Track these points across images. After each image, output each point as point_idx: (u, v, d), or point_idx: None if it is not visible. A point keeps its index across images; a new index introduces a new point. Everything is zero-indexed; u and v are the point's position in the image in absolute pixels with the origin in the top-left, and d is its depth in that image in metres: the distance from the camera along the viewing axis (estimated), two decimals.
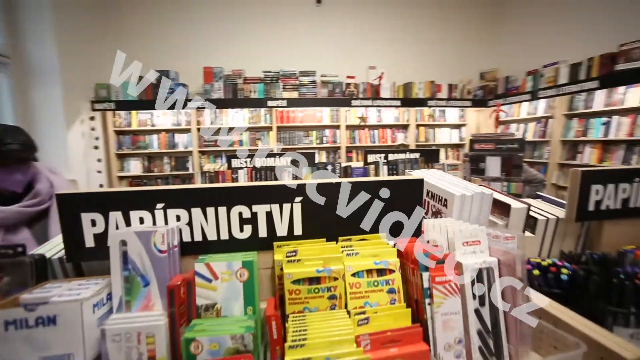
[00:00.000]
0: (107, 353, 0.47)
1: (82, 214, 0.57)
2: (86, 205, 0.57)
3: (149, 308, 0.53)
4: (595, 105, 3.39)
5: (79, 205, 0.57)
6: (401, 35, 4.67)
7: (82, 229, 0.57)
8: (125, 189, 0.57)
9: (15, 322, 0.44)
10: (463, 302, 0.56)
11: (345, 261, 0.59)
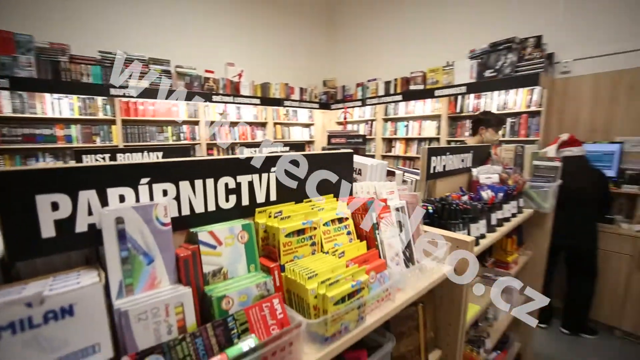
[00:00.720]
0: (133, 335, 0.43)
1: (37, 196, 0.45)
2: (45, 184, 0.45)
3: (155, 286, 0.50)
4: (400, 112, 4.72)
5: (33, 185, 0.44)
6: (260, 36, 4.88)
7: (38, 215, 0.45)
8: (103, 164, 0.48)
9: (12, 325, 0.34)
10: (402, 219, 0.82)
11: (317, 213, 0.74)
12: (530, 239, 1.82)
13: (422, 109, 4.41)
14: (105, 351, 0.41)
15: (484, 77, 3.47)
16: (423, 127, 4.41)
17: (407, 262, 0.83)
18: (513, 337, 1.92)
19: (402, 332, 0.85)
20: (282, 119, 5.12)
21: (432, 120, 4.28)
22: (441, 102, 4.03)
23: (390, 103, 4.63)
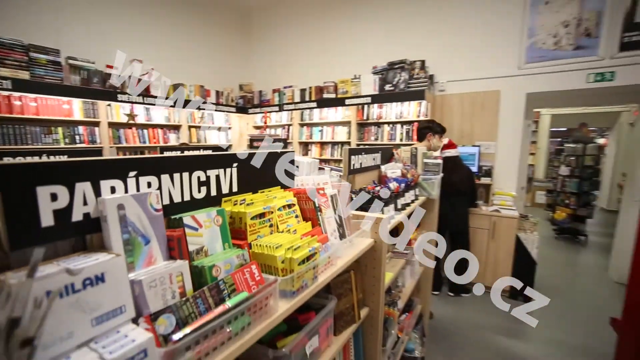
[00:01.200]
0: (146, 300, 0.51)
1: (38, 187, 0.47)
2: (46, 176, 0.48)
3: (152, 263, 0.57)
4: (315, 118, 5.09)
5: (34, 177, 0.47)
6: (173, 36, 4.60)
7: (38, 205, 0.48)
8: (98, 158, 0.53)
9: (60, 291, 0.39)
10: (335, 203, 1.03)
11: (271, 200, 0.89)
12: (424, 221, 2.30)
13: (335, 115, 4.87)
14: (129, 312, 0.48)
15: (385, 90, 4.08)
16: (336, 132, 4.87)
17: (341, 237, 1.05)
18: (416, 301, 2.38)
19: (340, 293, 1.06)
20: (197, 122, 4.92)
21: (344, 126, 4.77)
22: (351, 110, 4.54)
23: (305, 109, 4.95)
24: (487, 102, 3.93)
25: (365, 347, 1.27)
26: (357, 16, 4.74)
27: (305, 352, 0.88)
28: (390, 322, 1.45)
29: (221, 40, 5.38)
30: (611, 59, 3.37)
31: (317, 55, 5.14)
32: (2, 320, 0.33)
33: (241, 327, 0.59)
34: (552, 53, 3.63)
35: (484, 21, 3.91)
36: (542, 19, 3.64)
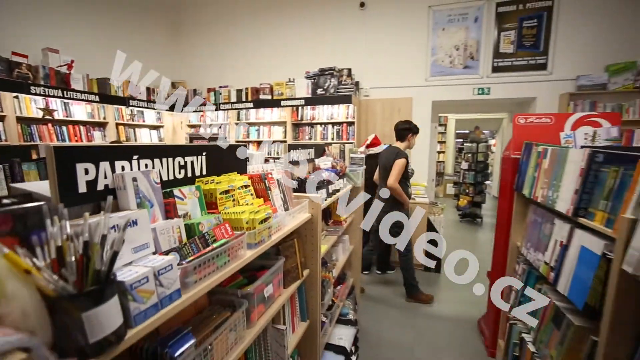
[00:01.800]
0: (159, 242, 0.74)
1: (77, 164, 0.66)
2: (81, 156, 0.67)
3: (156, 220, 0.79)
4: (251, 118, 5.26)
5: (74, 156, 0.65)
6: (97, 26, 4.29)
7: (77, 177, 0.66)
8: (111, 145, 0.73)
9: (115, 226, 0.61)
10: (281, 186, 1.33)
11: (233, 181, 1.15)
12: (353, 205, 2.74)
13: (271, 116, 5.12)
14: (151, 247, 0.70)
15: (317, 93, 4.49)
16: (272, 132, 5.13)
17: (284, 210, 1.36)
18: (348, 274, 2.81)
19: (287, 255, 1.37)
20: (126, 119, 4.66)
21: (280, 126, 5.06)
22: (286, 111, 4.85)
23: (242, 109, 5.10)
24: (403, 107, 4.64)
25: (307, 299, 1.60)
26: (290, 23, 5.07)
27: (264, 295, 1.16)
28: (327, 282, 1.81)
29: (152, 36, 5.18)
30: (487, 78, 4.33)
31: (252, 57, 5.32)
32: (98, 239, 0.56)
33: (223, 262, 0.86)
34: (448, 69, 4.48)
35: (399, 38, 4.60)
36: (441, 41, 4.46)
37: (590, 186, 1.51)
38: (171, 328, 0.80)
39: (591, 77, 3.90)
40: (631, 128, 3.80)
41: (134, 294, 0.59)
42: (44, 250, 0.53)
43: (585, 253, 1.48)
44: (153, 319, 0.62)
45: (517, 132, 2.43)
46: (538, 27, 4.12)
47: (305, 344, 1.66)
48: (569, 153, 1.70)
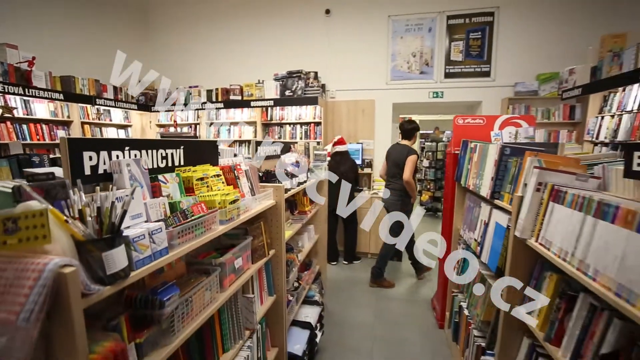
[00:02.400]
0: (149, 213, 0.95)
1: (84, 152, 0.85)
2: (86, 146, 0.86)
3: (145, 198, 1.00)
4: (222, 118, 5.38)
5: (81, 146, 0.85)
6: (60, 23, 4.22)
7: (83, 162, 0.86)
8: (108, 138, 0.92)
9: (117, 198, 0.82)
10: (248, 176, 1.57)
11: (207, 171, 1.37)
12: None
13: (241, 116, 5.28)
14: (143, 217, 0.91)
15: (285, 95, 4.72)
16: (242, 131, 5.29)
17: (251, 195, 1.59)
18: (314, 261, 3.08)
19: (254, 235, 1.60)
20: (91, 118, 4.61)
21: (250, 125, 5.23)
22: (256, 112, 5.04)
23: (212, 109, 5.21)
24: (367, 109, 4.99)
25: (274, 276, 1.84)
26: (259, 27, 5.26)
27: (234, 266, 1.39)
28: (291, 262, 2.06)
29: (120, 35, 5.14)
30: (441, 83, 4.79)
31: (222, 58, 5.45)
32: (109, 204, 0.77)
33: (200, 232, 1.08)
34: (406, 74, 4.90)
35: (362, 44, 4.94)
36: (399, 48, 4.87)
37: (501, 174, 1.88)
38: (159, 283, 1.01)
39: (525, 84, 4.47)
40: (557, 129, 4.41)
41: (135, 245, 0.80)
42: (69, 212, 0.73)
43: (498, 227, 1.85)
44: (148, 266, 0.84)
45: (457, 131, 2.83)
46: (482, 39, 4.64)
47: (272, 315, 1.90)
48: (489, 148, 2.08)
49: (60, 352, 0.62)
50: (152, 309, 0.92)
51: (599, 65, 3.59)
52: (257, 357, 1.58)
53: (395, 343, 2.74)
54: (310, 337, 2.26)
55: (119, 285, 0.75)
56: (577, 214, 1.17)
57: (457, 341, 2.52)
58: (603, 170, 1.38)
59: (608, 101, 3.71)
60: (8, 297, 0.56)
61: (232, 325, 1.40)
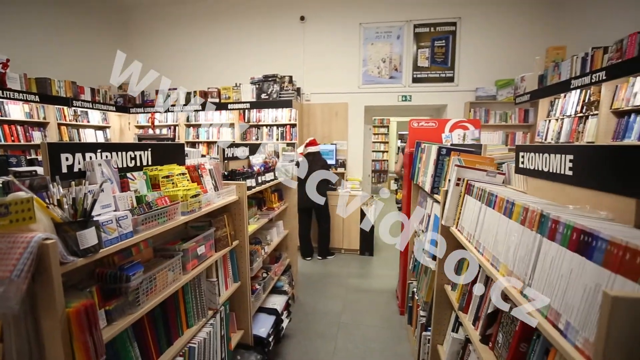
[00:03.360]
0: (118, 204, 1.15)
1: (61, 154, 1.04)
2: (64, 149, 1.05)
3: (115, 192, 1.20)
4: (200, 119, 5.52)
5: (59, 149, 1.03)
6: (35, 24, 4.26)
7: (61, 162, 1.05)
8: (82, 142, 1.10)
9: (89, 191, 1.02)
10: (212, 174, 1.77)
11: (172, 170, 1.57)
12: (286, 196, 3.23)
13: (219, 118, 5.43)
14: (112, 207, 1.11)
15: (261, 98, 4.92)
16: (221, 133, 5.44)
17: (216, 188, 1.80)
18: (284, 255, 3.29)
19: (218, 226, 1.81)
20: (68, 119, 4.66)
21: (228, 127, 5.39)
22: (233, 114, 5.21)
23: (191, 112, 5.35)
24: (340, 111, 5.25)
25: (238, 264, 2.05)
26: (237, 32, 5.44)
27: (197, 253, 1.60)
28: (255, 252, 2.28)
29: (98, 37, 5.20)
30: (409, 87, 5.11)
31: (200, 62, 5.59)
32: (82, 195, 0.97)
33: (163, 220, 1.28)
34: (377, 79, 5.19)
35: (335, 50, 5.19)
36: (370, 54, 5.15)
37: (439, 171, 2.16)
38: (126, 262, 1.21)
39: (485, 89, 4.83)
40: (513, 131, 4.80)
41: (104, 228, 1.00)
42: (49, 201, 0.93)
43: (435, 218, 2.13)
44: (115, 245, 1.04)
45: (412, 133, 3.11)
46: (446, 46, 4.99)
47: (237, 300, 2.10)
48: (432, 148, 2.36)
49: (43, 306, 0.82)
50: (119, 283, 1.12)
51: (545, 73, 3.98)
52: (220, 335, 1.79)
53: (359, 328, 2.99)
54: (276, 322, 2.48)
55: (90, 258, 0.95)
56: (477, 203, 1.44)
57: (411, 323, 2.79)
58: (507, 168, 1.67)
59: (554, 106, 4.10)
60: (3, 261, 0.75)
61: (196, 305, 1.60)
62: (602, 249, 0.69)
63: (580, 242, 0.76)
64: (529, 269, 0.94)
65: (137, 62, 1.79)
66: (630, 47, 2.65)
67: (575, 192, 1.04)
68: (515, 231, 1.06)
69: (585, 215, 0.90)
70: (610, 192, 0.90)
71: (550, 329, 0.78)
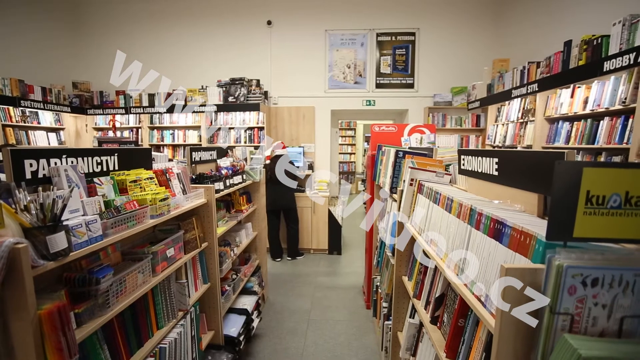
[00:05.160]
0: (86, 209, 1.17)
1: (25, 160, 1.05)
2: (27, 155, 1.05)
3: (82, 197, 1.21)
4: (165, 122, 5.38)
5: (23, 155, 1.04)
6: None
7: (24, 168, 1.05)
8: (45, 148, 1.11)
9: (57, 196, 1.04)
10: (180, 178, 1.81)
11: (140, 174, 1.59)
12: (254, 198, 3.29)
13: (185, 120, 5.33)
14: (80, 212, 1.13)
15: (229, 101, 4.91)
16: (187, 136, 5.35)
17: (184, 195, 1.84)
18: (254, 256, 3.34)
19: (187, 229, 1.84)
20: (15, 120, 4.33)
21: (195, 130, 5.31)
22: (200, 116, 5.14)
23: (155, 114, 5.20)
24: (307, 115, 5.37)
25: (207, 266, 2.09)
26: (203, 33, 5.38)
27: (166, 255, 1.63)
28: (224, 254, 2.32)
29: (48, 31, 4.88)
30: (373, 92, 5.36)
31: (163, 63, 5.44)
32: (51, 200, 0.99)
33: (132, 224, 1.32)
34: (342, 84, 5.38)
35: (302, 54, 5.32)
36: (336, 60, 5.34)
37: (397, 173, 2.35)
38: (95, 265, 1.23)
39: (442, 95, 5.21)
40: (467, 134, 5.22)
41: (73, 232, 1.03)
42: (16, 207, 0.95)
43: (393, 216, 2.31)
44: (85, 249, 1.07)
45: (374, 137, 3.31)
46: (406, 55, 5.31)
47: (207, 301, 2.14)
48: (390, 151, 2.55)
49: (13, 309, 0.85)
50: (89, 286, 1.15)
51: (492, 82, 4.39)
52: (191, 335, 1.82)
53: (327, 323, 3.12)
54: (246, 322, 2.54)
55: (61, 262, 0.98)
56: (427, 201, 1.62)
57: (376, 315, 2.97)
58: (453, 169, 1.88)
59: (500, 112, 4.53)
60: None
61: (166, 306, 1.63)
62: (507, 234, 0.87)
63: (495, 230, 0.94)
64: (463, 254, 1.12)
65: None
66: (555, 64, 3.05)
67: (500, 189, 1.25)
68: (453, 223, 1.24)
69: (504, 208, 1.09)
70: (523, 188, 1.10)
71: (475, 301, 0.95)
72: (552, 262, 0.66)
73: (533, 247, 0.76)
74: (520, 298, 0.70)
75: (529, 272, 0.70)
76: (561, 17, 3.72)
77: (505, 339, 0.73)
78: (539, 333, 0.68)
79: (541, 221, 0.91)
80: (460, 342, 1.19)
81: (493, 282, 0.88)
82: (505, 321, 0.72)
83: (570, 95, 3.08)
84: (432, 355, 1.50)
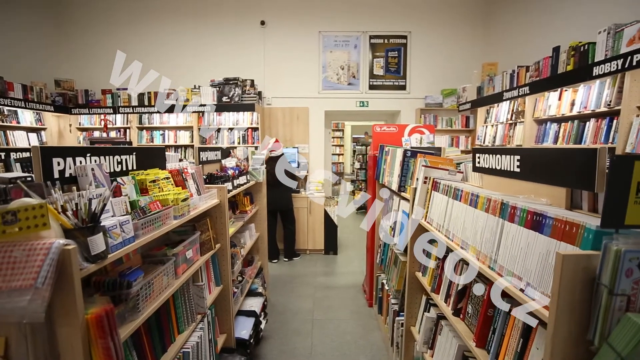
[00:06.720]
0: (114, 210, 1.13)
1: (53, 158, 0.99)
2: (56, 153, 1.00)
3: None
4: (155, 122, 5.22)
5: (51, 154, 0.99)
6: None
7: (53, 167, 1.00)
8: (72, 146, 1.06)
9: (94, 195, 0.99)
10: (194, 178, 1.77)
11: (158, 174, 1.55)
12: (256, 199, 3.25)
13: (176, 120, 5.21)
14: (111, 212, 1.09)
15: (222, 101, 4.84)
16: (178, 136, 5.22)
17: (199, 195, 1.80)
18: (256, 258, 3.30)
19: (202, 230, 1.81)
20: None
21: (186, 130, 5.20)
22: (192, 117, 5.03)
23: (145, 113, 5.04)
24: (301, 115, 5.37)
25: (220, 267, 2.05)
26: (196, 33, 5.27)
27: (186, 257, 1.59)
28: (235, 256, 2.29)
29: (29, 27, 4.63)
30: (366, 93, 5.43)
31: (153, 63, 5.29)
32: (87, 200, 0.95)
33: (158, 225, 1.28)
34: (336, 85, 5.42)
35: (296, 55, 5.32)
36: (329, 61, 5.37)
37: (405, 171, 2.40)
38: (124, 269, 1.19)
39: (433, 97, 5.35)
40: (458, 135, 5.38)
41: (110, 233, 1.00)
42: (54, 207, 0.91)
43: (404, 213, 2.36)
44: (120, 251, 1.03)
45: (375, 137, 3.36)
46: (399, 57, 5.41)
47: (220, 304, 2.10)
48: (397, 151, 2.60)
49: (61, 314, 0.81)
50: (120, 289, 1.11)
51: (482, 85, 4.55)
52: (208, 339, 1.78)
53: (332, 323, 3.13)
54: (255, 324, 2.51)
55: (101, 264, 0.94)
56: (445, 197, 1.67)
57: (381, 313, 3.01)
58: (465, 167, 1.95)
59: (490, 114, 4.70)
60: (25, 270, 0.74)
61: (186, 310, 1.59)
62: (549, 225, 0.91)
63: (534, 221, 0.98)
64: (495, 246, 1.16)
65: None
66: (544, 68, 3.21)
67: (520, 185, 1.30)
68: (481, 218, 1.29)
69: (531, 202, 1.14)
70: (547, 183, 1.16)
71: (514, 290, 0.99)
72: (610, 248, 0.70)
73: (581, 236, 0.81)
74: (576, 284, 0.74)
75: (585, 258, 0.75)
76: (548, 23, 3.91)
77: (561, 323, 0.77)
78: (597, 314, 0.73)
79: (572, 213, 0.97)
80: (489, 331, 1.23)
81: (535, 270, 0.92)
82: (562, 305, 0.76)
83: (558, 98, 3.25)
84: (453, 347, 1.55)
